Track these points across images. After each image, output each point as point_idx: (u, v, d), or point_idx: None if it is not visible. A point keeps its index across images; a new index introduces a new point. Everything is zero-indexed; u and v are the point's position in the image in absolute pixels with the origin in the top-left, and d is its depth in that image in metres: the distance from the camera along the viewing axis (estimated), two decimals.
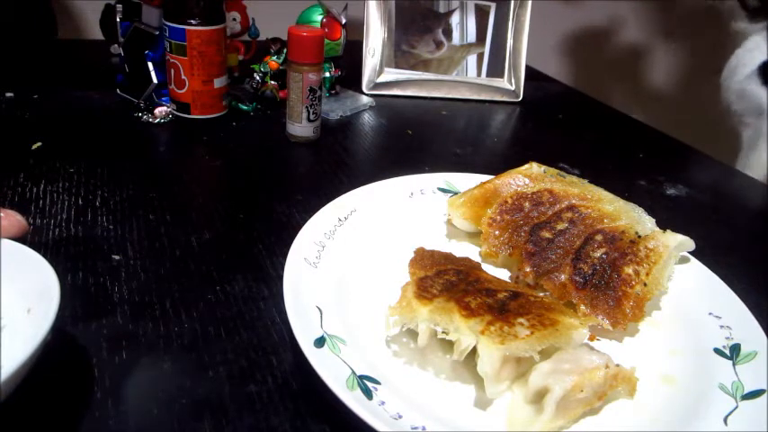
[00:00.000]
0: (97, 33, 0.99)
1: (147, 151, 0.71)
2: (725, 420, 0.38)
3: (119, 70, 0.83)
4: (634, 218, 0.53)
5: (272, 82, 0.84)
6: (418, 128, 0.86)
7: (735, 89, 1.03)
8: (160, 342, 0.41)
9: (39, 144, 0.67)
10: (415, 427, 0.35)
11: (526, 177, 0.57)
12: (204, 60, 0.71)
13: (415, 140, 0.82)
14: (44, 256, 0.38)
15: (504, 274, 0.52)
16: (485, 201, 0.56)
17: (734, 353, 0.43)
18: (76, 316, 0.43)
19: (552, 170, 0.59)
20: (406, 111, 0.92)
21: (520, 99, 0.99)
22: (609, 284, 0.47)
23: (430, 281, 0.43)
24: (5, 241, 0.39)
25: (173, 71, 0.72)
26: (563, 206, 0.54)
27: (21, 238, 0.40)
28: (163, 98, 0.77)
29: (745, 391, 0.40)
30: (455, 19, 0.98)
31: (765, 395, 0.39)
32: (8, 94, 0.79)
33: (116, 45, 0.92)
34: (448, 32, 0.98)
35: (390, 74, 0.96)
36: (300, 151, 0.74)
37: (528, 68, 1.00)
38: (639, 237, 0.50)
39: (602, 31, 1.59)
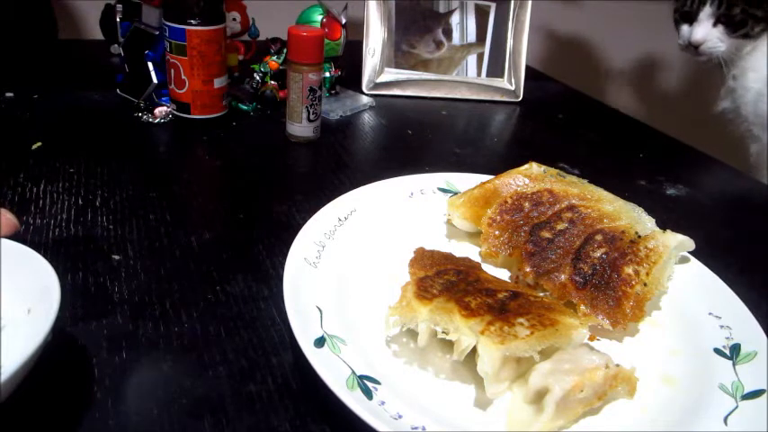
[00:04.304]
0: (97, 33, 0.99)
1: (147, 151, 0.71)
2: (725, 420, 0.38)
3: (119, 70, 0.83)
4: (634, 218, 0.53)
5: (272, 82, 0.84)
6: (418, 128, 0.86)
7: (746, 97, 0.99)
8: (160, 342, 0.41)
9: (39, 144, 0.67)
10: (415, 427, 0.35)
11: (526, 177, 0.57)
12: (204, 60, 0.71)
13: (415, 140, 0.82)
14: (44, 256, 0.38)
15: (504, 274, 0.52)
16: (485, 201, 0.56)
17: (734, 353, 0.43)
18: (76, 316, 0.43)
19: (552, 170, 0.59)
20: (406, 111, 0.92)
21: (520, 99, 0.99)
22: (609, 284, 0.47)
23: (430, 281, 0.43)
24: (5, 241, 0.38)
25: (173, 71, 0.72)
26: (563, 206, 0.54)
27: (13, 237, 0.39)
28: (163, 98, 0.77)
29: (745, 391, 0.40)
30: (455, 19, 0.98)
31: (765, 395, 0.39)
32: (8, 94, 0.79)
33: (116, 45, 0.92)
34: (448, 32, 0.98)
35: (390, 74, 0.96)
36: (300, 151, 0.74)
37: (528, 68, 1.00)
38: (639, 237, 0.50)
39: (602, 31, 1.59)
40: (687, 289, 0.50)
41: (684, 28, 0.99)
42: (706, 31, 0.95)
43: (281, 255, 0.50)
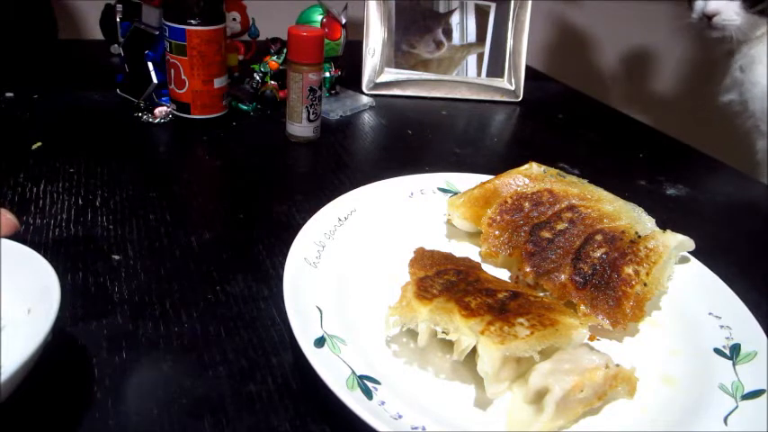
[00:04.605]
0: (97, 33, 0.99)
1: (147, 151, 0.71)
2: (725, 420, 0.38)
3: (119, 70, 0.83)
4: (634, 218, 0.53)
5: (272, 82, 0.84)
6: (418, 128, 0.86)
7: (753, 92, 0.97)
8: (160, 342, 0.41)
9: (39, 144, 0.67)
10: (415, 427, 0.35)
11: (526, 177, 0.57)
12: (204, 60, 0.71)
13: (415, 140, 0.82)
14: (44, 256, 0.38)
15: (504, 274, 0.52)
16: (485, 201, 0.56)
17: (734, 353, 0.43)
18: (76, 316, 0.43)
19: (552, 170, 0.59)
20: (406, 111, 0.92)
21: (520, 99, 0.99)
22: (609, 284, 0.47)
23: (430, 281, 0.43)
24: (5, 241, 0.38)
25: (173, 71, 0.72)
26: (563, 206, 0.54)
27: (13, 237, 0.40)
28: (163, 98, 0.77)
29: (745, 391, 0.40)
30: (455, 19, 0.98)
31: (765, 395, 0.39)
32: (8, 94, 0.79)
33: (116, 45, 0.92)
34: (448, 32, 0.98)
35: (390, 74, 0.96)
36: (300, 151, 0.74)
37: (528, 68, 1.00)
38: (639, 237, 0.50)
39: (602, 31, 1.59)
40: (687, 289, 0.50)
41: (699, 2, 0.96)
42: (722, 2, 0.93)
43: (281, 255, 0.50)
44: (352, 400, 0.34)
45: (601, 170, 0.76)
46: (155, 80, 0.76)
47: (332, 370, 0.37)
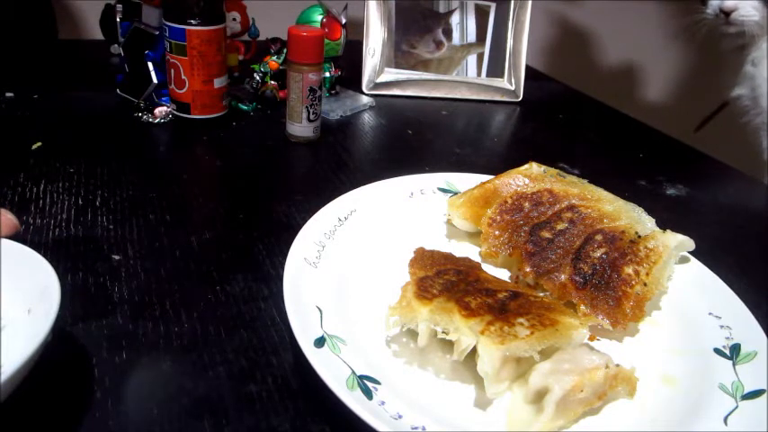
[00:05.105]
0: (97, 33, 0.99)
1: (147, 151, 0.71)
2: (725, 420, 0.38)
3: (119, 70, 0.83)
4: (634, 218, 0.53)
5: (272, 82, 0.84)
6: (418, 128, 0.86)
7: (764, 88, 0.95)
8: (160, 342, 0.41)
9: (39, 144, 0.67)
10: (415, 427, 0.35)
11: (526, 177, 0.57)
12: (204, 60, 0.71)
13: (415, 140, 0.82)
14: (44, 256, 0.38)
15: (504, 274, 0.52)
16: (485, 201, 0.56)
17: (734, 353, 0.43)
18: (76, 316, 0.43)
19: (552, 170, 0.59)
20: (406, 111, 0.92)
21: (520, 99, 0.99)
22: (609, 284, 0.47)
23: (430, 281, 0.43)
24: (5, 241, 0.38)
25: (173, 71, 0.72)
26: (563, 206, 0.54)
27: (13, 237, 0.40)
28: (163, 98, 0.77)
29: (745, 391, 0.40)
30: (455, 19, 0.98)
31: (765, 395, 0.39)
32: (8, 94, 0.79)
33: (116, 45, 0.92)
34: (448, 32, 0.98)
35: (390, 74, 0.96)
36: (300, 151, 0.74)
37: (528, 68, 1.00)
38: (639, 237, 0.50)
39: (603, 31, 1.59)
40: (687, 289, 0.50)
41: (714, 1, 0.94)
42: None
43: (281, 255, 0.50)
44: (352, 400, 0.34)
45: (601, 170, 0.76)
46: (155, 80, 0.76)
47: (332, 370, 0.37)
